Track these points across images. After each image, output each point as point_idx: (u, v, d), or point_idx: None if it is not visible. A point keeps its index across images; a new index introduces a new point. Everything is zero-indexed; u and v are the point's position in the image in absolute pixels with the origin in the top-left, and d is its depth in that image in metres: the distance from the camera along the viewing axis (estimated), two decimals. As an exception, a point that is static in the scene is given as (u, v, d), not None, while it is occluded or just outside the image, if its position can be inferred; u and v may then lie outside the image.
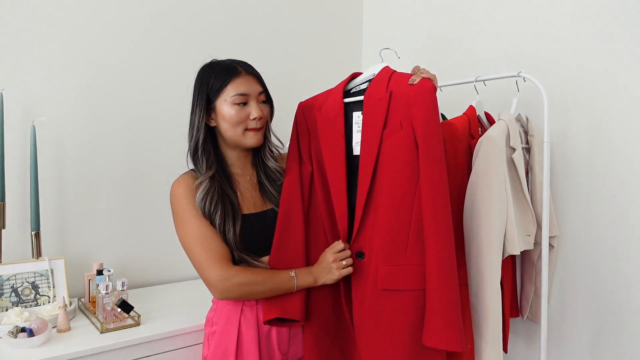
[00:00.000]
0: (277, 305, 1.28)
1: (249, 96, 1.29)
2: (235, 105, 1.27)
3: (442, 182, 1.19)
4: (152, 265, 1.90)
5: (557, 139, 1.59)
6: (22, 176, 1.64)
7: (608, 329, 1.50)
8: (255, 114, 1.28)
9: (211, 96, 1.29)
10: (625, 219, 1.45)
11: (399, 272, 1.23)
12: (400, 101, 1.23)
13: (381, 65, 1.35)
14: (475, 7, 1.87)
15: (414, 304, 1.22)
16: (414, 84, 1.23)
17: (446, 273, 1.17)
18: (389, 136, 1.24)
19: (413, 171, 1.21)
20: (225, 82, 1.28)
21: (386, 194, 1.24)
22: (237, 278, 1.22)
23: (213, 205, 1.25)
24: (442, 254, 1.17)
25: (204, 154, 1.30)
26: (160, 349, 1.40)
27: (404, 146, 1.22)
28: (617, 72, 1.46)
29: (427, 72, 1.25)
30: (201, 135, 1.30)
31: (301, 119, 1.39)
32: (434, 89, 1.22)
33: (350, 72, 1.43)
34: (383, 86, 1.27)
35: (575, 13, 1.56)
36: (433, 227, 1.18)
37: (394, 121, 1.23)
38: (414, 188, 1.21)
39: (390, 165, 1.23)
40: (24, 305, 1.49)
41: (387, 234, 1.23)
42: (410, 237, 1.22)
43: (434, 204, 1.18)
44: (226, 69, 1.30)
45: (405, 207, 1.22)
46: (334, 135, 1.31)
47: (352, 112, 1.34)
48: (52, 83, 1.70)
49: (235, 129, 1.29)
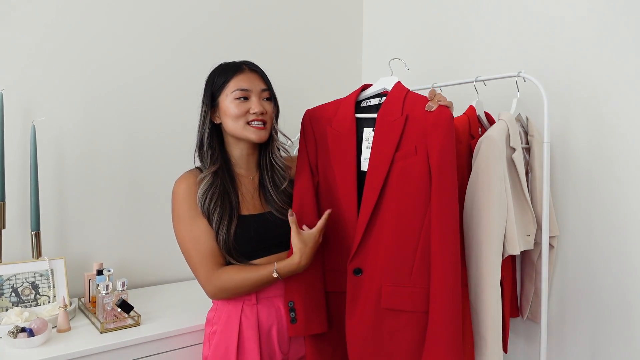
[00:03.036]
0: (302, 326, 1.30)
1: (250, 91, 1.30)
2: (236, 100, 1.29)
3: (454, 211, 1.22)
4: (152, 265, 1.90)
5: (557, 139, 1.59)
6: (22, 176, 1.64)
7: (608, 329, 1.50)
8: (255, 108, 1.29)
9: (215, 93, 1.33)
10: (625, 218, 1.45)
11: (403, 293, 1.25)
12: (417, 126, 1.25)
13: (392, 79, 1.36)
14: (476, 7, 1.87)
15: (416, 324, 1.24)
16: (431, 110, 1.24)
17: (452, 300, 1.19)
18: (401, 159, 1.25)
19: (424, 196, 1.23)
20: (228, 78, 1.31)
21: (393, 215, 1.25)
22: (220, 282, 1.25)
23: (213, 202, 1.26)
24: (449, 281, 1.19)
25: (209, 149, 1.33)
26: (160, 349, 1.39)
27: (417, 171, 1.24)
28: (618, 72, 1.46)
29: (444, 100, 1.27)
30: (206, 130, 1.33)
31: (309, 129, 1.40)
32: (451, 118, 1.24)
33: (351, 70, 1.43)
34: (398, 107, 1.29)
35: (575, 13, 1.56)
36: (441, 255, 1.20)
37: (409, 145, 1.25)
38: (423, 212, 1.23)
39: (400, 188, 1.25)
40: (24, 305, 1.49)
41: (393, 255, 1.25)
42: (416, 260, 1.24)
43: (444, 232, 1.20)
44: (230, 66, 1.34)
45: (413, 231, 1.24)
46: (346, 152, 1.33)
47: (362, 128, 1.35)
48: (52, 83, 1.70)
49: (237, 123, 1.30)
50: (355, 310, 1.29)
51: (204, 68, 1.38)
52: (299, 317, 1.29)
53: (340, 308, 1.36)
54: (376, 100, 1.37)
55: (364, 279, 1.29)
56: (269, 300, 1.33)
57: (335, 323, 1.36)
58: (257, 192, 1.37)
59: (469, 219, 1.35)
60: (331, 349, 1.36)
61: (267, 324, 1.32)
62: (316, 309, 1.32)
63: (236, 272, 1.26)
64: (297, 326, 1.30)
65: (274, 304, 1.33)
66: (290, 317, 1.30)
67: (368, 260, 1.28)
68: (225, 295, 1.28)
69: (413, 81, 1.85)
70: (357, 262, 1.29)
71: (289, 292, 1.31)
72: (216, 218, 1.26)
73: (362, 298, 1.29)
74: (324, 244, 1.35)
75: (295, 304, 1.30)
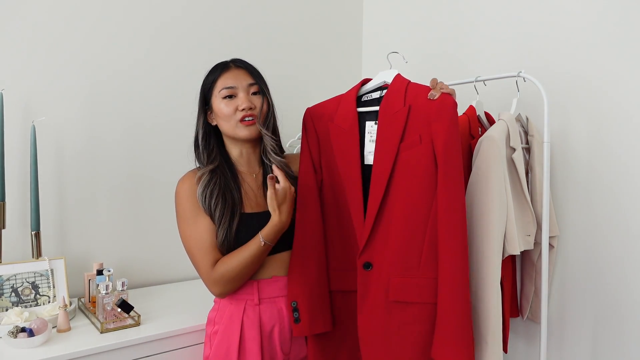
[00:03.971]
0: (306, 325, 1.30)
1: (236, 88, 1.30)
2: (224, 99, 1.29)
3: (460, 198, 1.20)
4: (152, 265, 1.90)
5: (557, 139, 1.59)
6: (22, 176, 1.64)
7: (608, 329, 1.50)
8: (243, 104, 1.28)
9: (207, 95, 1.33)
10: (625, 218, 1.45)
11: (411, 285, 1.24)
12: (420, 115, 1.24)
13: (392, 72, 1.35)
14: (476, 7, 1.87)
15: (424, 316, 1.23)
16: (434, 99, 1.23)
17: (460, 290, 1.18)
18: (406, 149, 1.25)
19: (430, 185, 1.22)
20: (215, 78, 1.32)
21: (401, 207, 1.25)
22: (219, 274, 1.24)
23: (214, 198, 1.26)
24: (457, 270, 1.18)
25: (205, 148, 1.34)
26: (160, 349, 1.39)
27: (423, 160, 1.23)
28: (617, 72, 1.46)
29: (446, 87, 1.26)
30: (200, 130, 1.34)
31: (310, 127, 1.39)
32: (455, 105, 1.23)
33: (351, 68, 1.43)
34: (400, 98, 1.28)
35: (575, 13, 1.56)
36: (449, 244, 1.19)
37: (413, 135, 1.24)
38: (430, 202, 1.23)
39: (407, 178, 1.24)
40: (24, 305, 1.49)
41: (401, 246, 1.24)
42: (424, 251, 1.23)
43: (451, 220, 1.19)
44: (218, 66, 1.34)
45: (421, 221, 1.23)
46: (349, 147, 1.32)
47: (364, 122, 1.35)
48: (52, 83, 1.70)
49: (229, 123, 1.30)
50: (366, 305, 1.28)
51: (203, 67, 1.38)
52: (303, 316, 1.29)
53: (344, 307, 1.35)
54: (377, 94, 1.36)
55: (373, 272, 1.28)
56: (271, 301, 1.33)
57: (339, 322, 1.36)
58: (261, 190, 1.36)
59: (469, 219, 1.35)
60: (334, 349, 1.36)
61: (269, 324, 1.32)
62: (320, 308, 1.32)
63: (230, 259, 1.25)
64: (301, 326, 1.30)
65: (276, 304, 1.33)
66: (293, 317, 1.30)
67: (377, 253, 1.27)
68: (229, 287, 1.26)
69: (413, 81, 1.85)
70: (367, 256, 1.28)
71: (292, 292, 1.31)
72: (218, 213, 1.26)
73: (371, 292, 1.27)
74: (329, 243, 1.35)
75: (298, 303, 1.30)
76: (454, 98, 1.24)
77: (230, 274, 1.24)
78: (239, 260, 1.23)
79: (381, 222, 1.27)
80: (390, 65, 1.40)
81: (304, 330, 1.30)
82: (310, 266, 1.32)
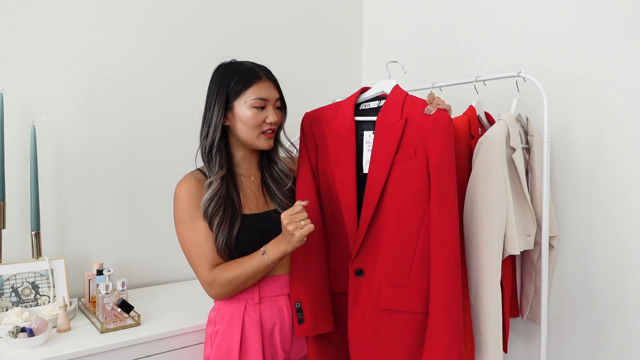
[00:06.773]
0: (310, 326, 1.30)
1: (267, 101, 1.30)
2: (254, 108, 1.29)
3: (454, 214, 1.23)
4: (152, 265, 1.90)
5: (557, 139, 1.59)
6: (22, 176, 1.64)
7: (608, 329, 1.50)
8: (272, 118, 1.30)
9: (231, 97, 1.30)
10: (625, 218, 1.45)
11: (400, 294, 1.25)
12: (416, 129, 1.26)
13: (390, 82, 1.36)
14: (476, 7, 1.87)
15: (414, 325, 1.24)
16: (430, 114, 1.26)
17: (452, 302, 1.19)
18: (400, 161, 1.27)
19: (423, 199, 1.24)
20: (247, 85, 1.29)
21: (393, 217, 1.26)
22: (218, 281, 1.25)
23: (216, 208, 1.26)
24: (450, 282, 1.20)
25: (218, 152, 1.31)
26: (160, 349, 1.40)
27: (417, 173, 1.25)
28: (617, 72, 1.46)
29: (442, 103, 1.28)
30: (218, 134, 1.30)
31: (308, 131, 1.40)
32: (451, 121, 1.26)
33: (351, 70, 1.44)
34: (397, 111, 1.30)
35: (575, 14, 1.56)
36: (441, 257, 1.20)
37: (408, 148, 1.26)
38: (422, 215, 1.24)
39: (400, 190, 1.26)
40: (24, 305, 1.49)
41: (391, 256, 1.26)
42: (415, 262, 1.25)
43: (444, 234, 1.21)
44: (248, 71, 1.31)
45: (413, 232, 1.25)
46: (346, 155, 1.33)
47: (362, 131, 1.36)
48: (52, 83, 1.70)
49: (251, 132, 1.30)
50: (356, 311, 1.29)
51: (203, 68, 1.38)
52: (307, 317, 1.30)
53: (343, 309, 1.36)
54: (375, 103, 1.38)
55: (364, 280, 1.29)
56: (271, 300, 1.33)
57: (339, 323, 1.37)
58: (260, 192, 1.37)
59: (469, 219, 1.35)
60: (334, 349, 1.37)
61: (269, 323, 1.32)
62: (323, 309, 1.32)
63: (230, 267, 1.25)
64: (305, 326, 1.30)
65: (277, 303, 1.33)
66: (297, 317, 1.31)
67: (369, 261, 1.29)
68: (226, 293, 1.27)
69: (413, 81, 1.86)
70: (359, 263, 1.30)
71: (296, 293, 1.32)
72: (216, 223, 1.26)
73: (362, 299, 1.29)
74: (327, 246, 1.35)
75: (302, 304, 1.30)
76: (449, 114, 1.27)
77: (228, 282, 1.25)
78: (238, 272, 1.24)
79: (373, 231, 1.28)
80: (389, 74, 1.41)
81: (307, 331, 1.30)
82: (313, 267, 1.33)
